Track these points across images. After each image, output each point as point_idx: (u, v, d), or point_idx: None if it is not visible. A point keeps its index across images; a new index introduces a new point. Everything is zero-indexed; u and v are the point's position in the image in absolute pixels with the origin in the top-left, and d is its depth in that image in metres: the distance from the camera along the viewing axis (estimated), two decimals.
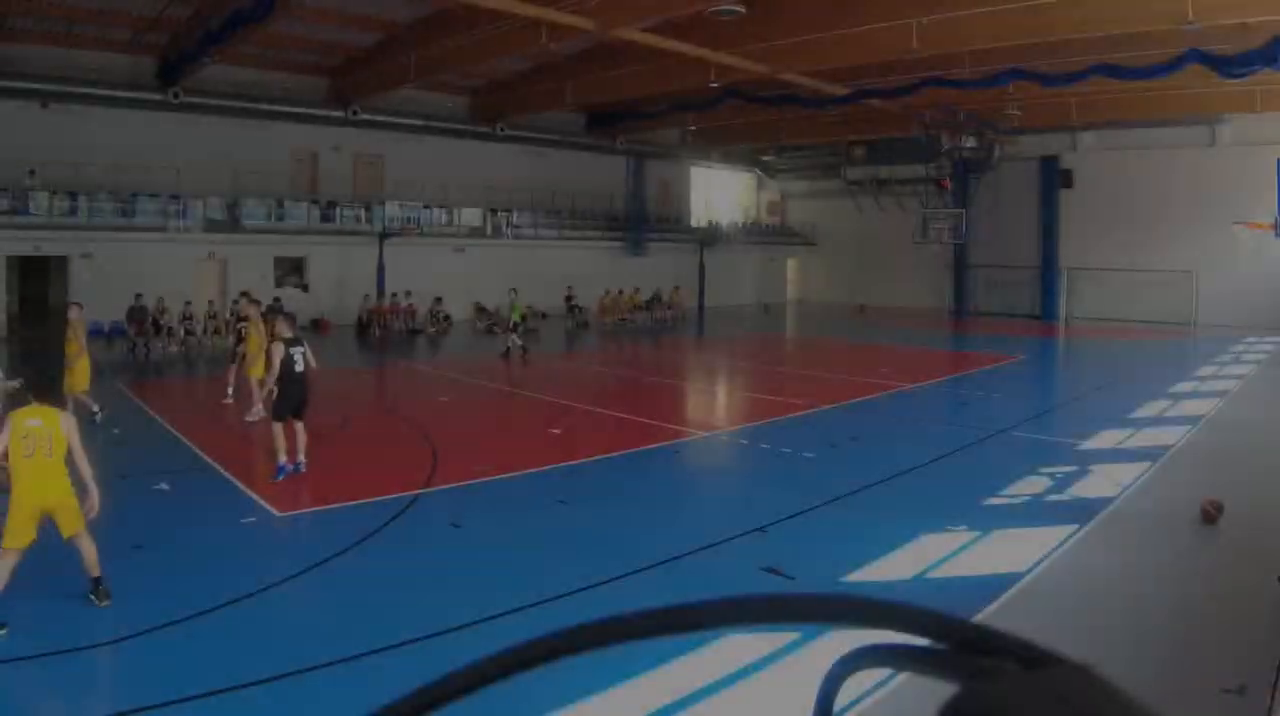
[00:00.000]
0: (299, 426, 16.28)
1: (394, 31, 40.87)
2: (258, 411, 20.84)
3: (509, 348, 34.88)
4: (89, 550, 10.32)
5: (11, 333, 38.28)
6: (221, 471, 16.54)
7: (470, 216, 52.93)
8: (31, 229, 38.33)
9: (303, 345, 16.08)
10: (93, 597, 10.31)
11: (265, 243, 44.77)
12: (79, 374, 20.85)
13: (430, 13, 37.97)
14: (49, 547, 10.01)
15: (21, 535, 9.88)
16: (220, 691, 8.36)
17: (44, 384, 10.95)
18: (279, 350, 15.81)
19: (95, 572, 10.36)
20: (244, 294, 23.81)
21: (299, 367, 15.19)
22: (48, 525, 10.10)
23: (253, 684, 8.51)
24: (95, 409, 21.22)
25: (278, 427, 16.02)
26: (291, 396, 16.13)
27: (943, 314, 59.00)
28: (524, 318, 36.71)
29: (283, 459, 15.85)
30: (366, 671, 8.80)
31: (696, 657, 8.75)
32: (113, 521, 13.14)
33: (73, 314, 21.71)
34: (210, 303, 37.63)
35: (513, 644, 0.79)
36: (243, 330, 23.13)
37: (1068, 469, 17.89)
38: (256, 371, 21.04)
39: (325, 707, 8.29)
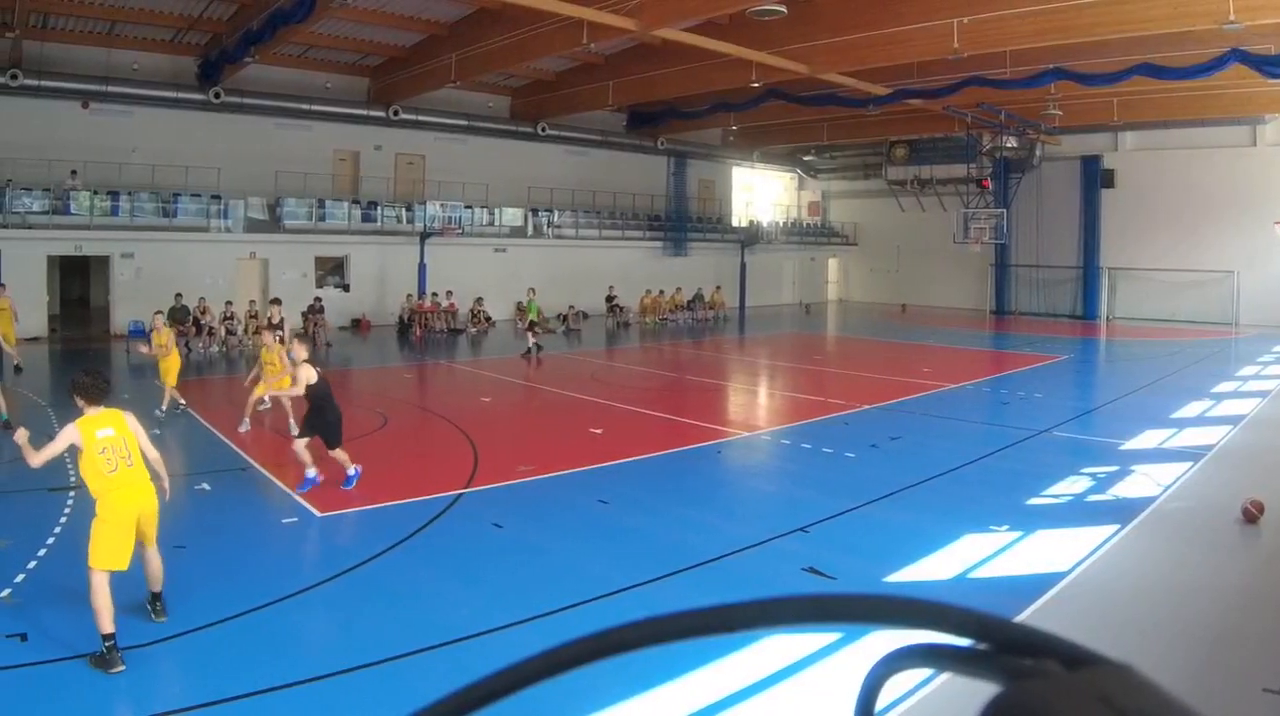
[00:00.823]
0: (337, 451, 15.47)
1: (435, 31, 40.93)
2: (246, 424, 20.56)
3: (529, 348, 34.93)
4: (157, 562, 10.01)
5: (52, 332, 38.42)
6: (263, 471, 16.59)
7: (511, 216, 52.95)
8: (73, 229, 38.52)
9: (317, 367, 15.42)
10: (151, 611, 10.02)
11: (306, 242, 44.87)
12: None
13: (471, 12, 38.12)
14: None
15: (122, 553, 9.33)
16: (261, 692, 8.40)
17: (97, 385, 10.10)
18: (308, 373, 15.12)
19: (158, 587, 10.05)
20: (274, 301, 23.54)
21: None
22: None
23: (294, 684, 8.55)
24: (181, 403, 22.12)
25: (301, 443, 15.40)
26: (327, 418, 15.26)
27: (984, 314, 58.72)
28: (540, 317, 36.69)
29: (311, 472, 15.39)
30: (408, 672, 8.82)
31: (738, 658, 8.78)
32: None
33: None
34: (251, 303, 37.47)
35: (554, 645, 0.79)
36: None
37: (1109, 469, 17.82)
38: (282, 384, 20.36)
39: (366, 709, 8.31)
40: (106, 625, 8.86)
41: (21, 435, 9.75)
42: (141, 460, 9.89)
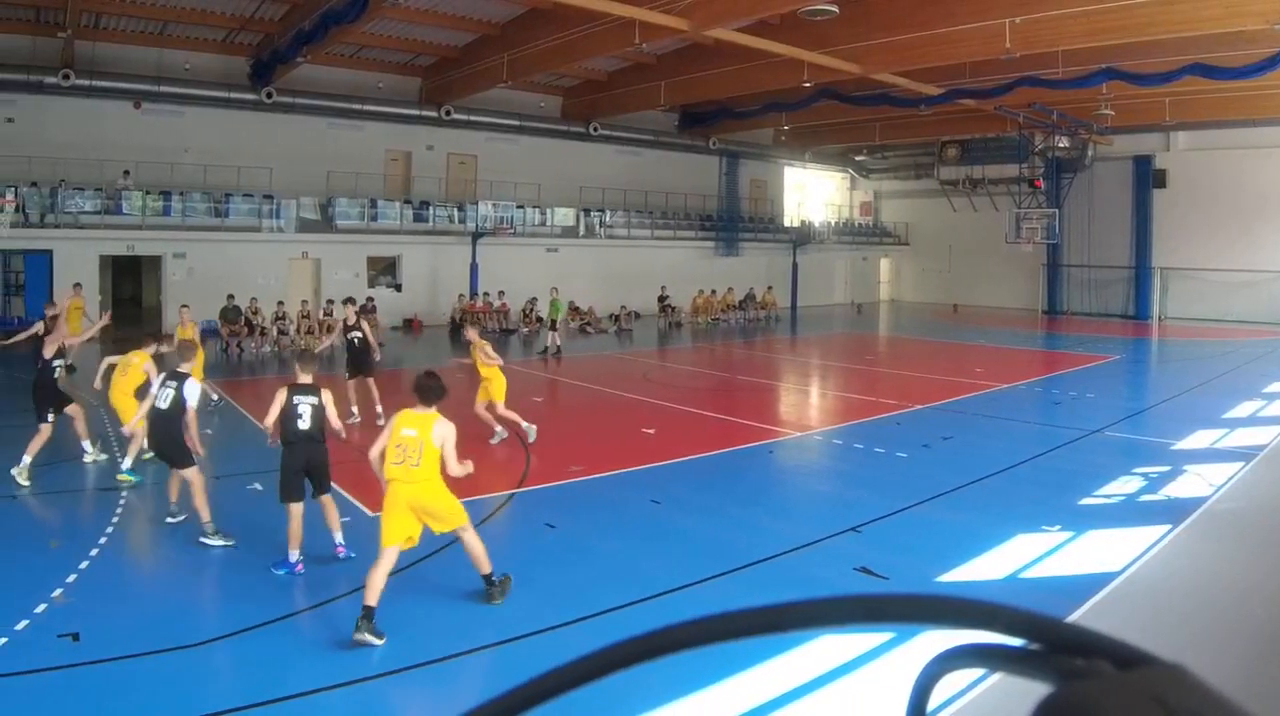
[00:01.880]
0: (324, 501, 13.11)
1: (487, 31, 41.06)
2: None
3: (553, 348, 35.34)
4: (473, 546, 10.80)
5: (104, 332, 38.55)
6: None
7: (563, 216, 53.05)
8: (125, 229, 38.74)
9: (314, 396, 12.58)
10: (487, 597, 10.82)
11: (358, 242, 45.05)
12: None
13: (523, 12, 38.23)
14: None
15: (394, 534, 10.28)
16: (311, 692, 8.48)
17: (430, 388, 11.15)
18: (280, 398, 12.64)
19: (484, 570, 10.86)
20: (347, 301, 23.36)
21: (302, 424, 12.24)
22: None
23: (345, 684, 8.61)
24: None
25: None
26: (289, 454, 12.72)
27: (1036, 314, 58.34)
28: (558, 317, 36.70)
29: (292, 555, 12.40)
30: (460, 672, 8.88)
31: (789, 658, 8.79)
32: None
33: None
34: (304, 303, 37.67)
35: (606, 645, 0.80)
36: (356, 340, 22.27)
37: (1161, 469, 17.75)
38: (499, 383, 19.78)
39: (419, 708, 8.36)
40: (370, 598, 9.69)
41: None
42: (431, 463, 10.59)
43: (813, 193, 72.25)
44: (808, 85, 40.55)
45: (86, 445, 17.46)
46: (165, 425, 13.58)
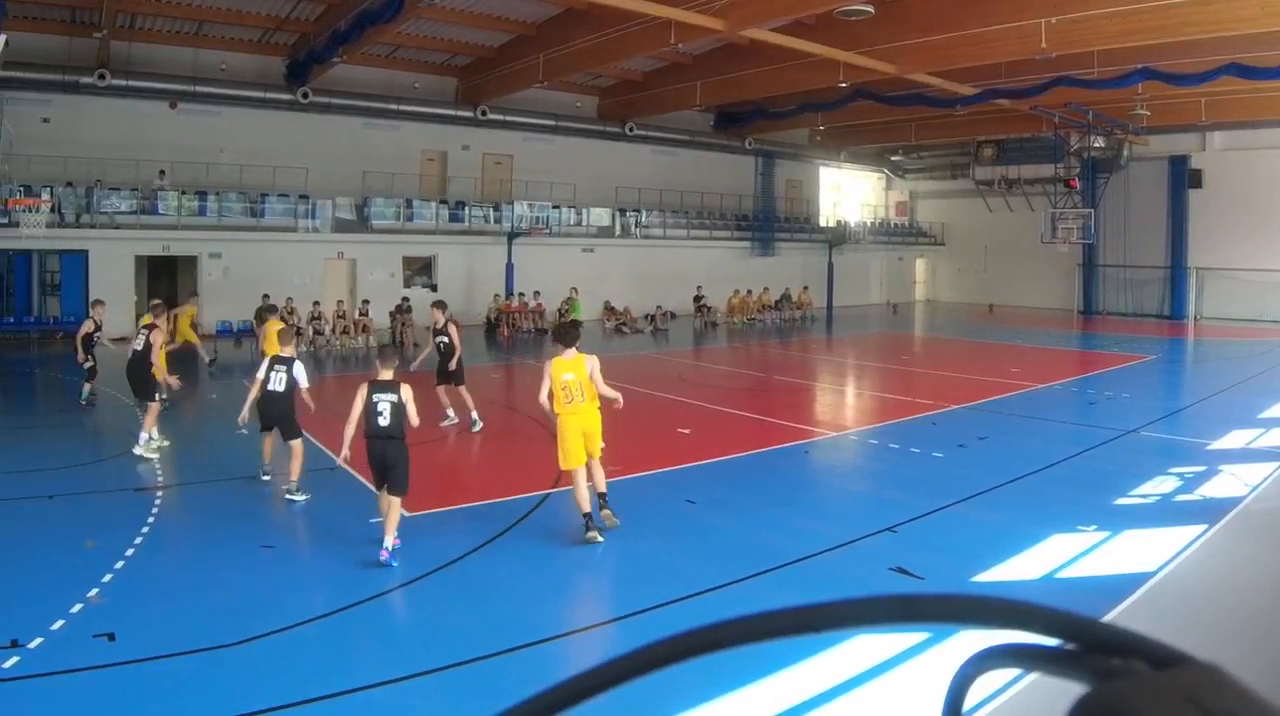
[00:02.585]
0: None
1: (523, 31, 41.17)
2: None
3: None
4: (600, 471, 13.85)
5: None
6: (350, 471, 16.68)
7: (599, 216, 53.05)
8: (161, 229, 38.94)
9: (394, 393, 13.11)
10: (599, 516, 13.35)
11: (394, 242, 45.18)
12: None
13: (559, 12, 38.34)
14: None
15: (576, 457, 13.34)
16: (347, 692, 8.47)
17: (566, 332, 14.41)
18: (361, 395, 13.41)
19: (602, 488, 13.76)
20: (437, 304, 23.08)
21: (382, 421, 12.74)
22: None
23: (380, 684, 8.60)
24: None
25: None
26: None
27: (1071, 314, 58.11)
28: (578, 317, 36.64)
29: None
30: (495, 671, 8.85)
31: (825, 658, 8.78)
32: (242, 521, 13.40)
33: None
34: (339, 303, 37.77)
35: (641, 645, 0.80)
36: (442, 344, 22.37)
37: (1196, 469, 17.69)
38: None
39: (454, 708, 8.35)
40: (584, 506, 13.10)
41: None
42: (591, 394, 13.79)
43: (848, 193, 72.21)
44: (843, 85, 40.57)
45: (144, 436, 17.68)
46: (279, 403, 15.83)
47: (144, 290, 40.63)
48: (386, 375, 12.95)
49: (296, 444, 15.52)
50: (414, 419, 12.72)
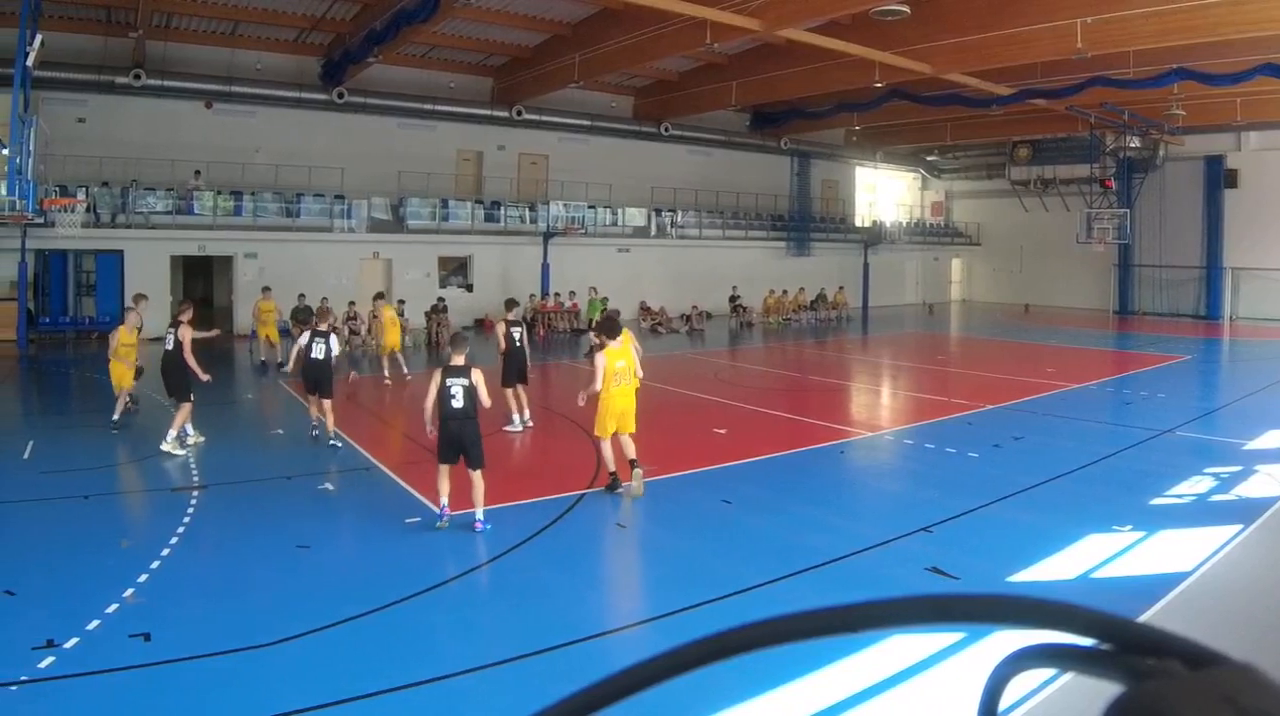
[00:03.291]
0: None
1: (558, 31, 41.24)
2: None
3: (598, 347, 34.66)
4: (631, 442, 15.62)
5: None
6: (385, 471, 16.70)
7: (634, 216, 53.13)
8: (196, 229, 39.20)
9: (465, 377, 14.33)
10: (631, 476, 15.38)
11: (429, 242, 45.33)
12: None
13: (594, 12, 38.40)
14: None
15: (608, 430, 15.46)
16: (384, 692, 8.45)
17: (611, 326, 16.18)
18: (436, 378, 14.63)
19: (632, 455, 15.49)
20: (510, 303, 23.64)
21: (455, 403, 13.89)
22: None
23: (417, 684, 8.59)
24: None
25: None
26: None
27: (1107, 314, 57.95)
28: (597, 317, 36.50)
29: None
30: (530, 672, 8.85)
31: (861, 658, 8.76)
32: (278, 521, 13.44)
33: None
34: (350, 303, 37.59)
35: (677, 645, 0.80)
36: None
37: (1232, 469, 17.62)
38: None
39: (490, 708, 8.35)
40: (611, 466, 15.39)
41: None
42: (635, 376, 16.13)
43: (884, 193, 72.14)
44: (879, 85, 40.53)
45: (172, 434, 17.74)
46: (321, 369, 19.13)
47: (179, 290, 40.81)
48: (459, 361, 13.85)
49: (328, 403, 19.12)
50: (485, 400, 13.80)
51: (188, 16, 38.25)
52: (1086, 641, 0.75)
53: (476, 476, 13.33)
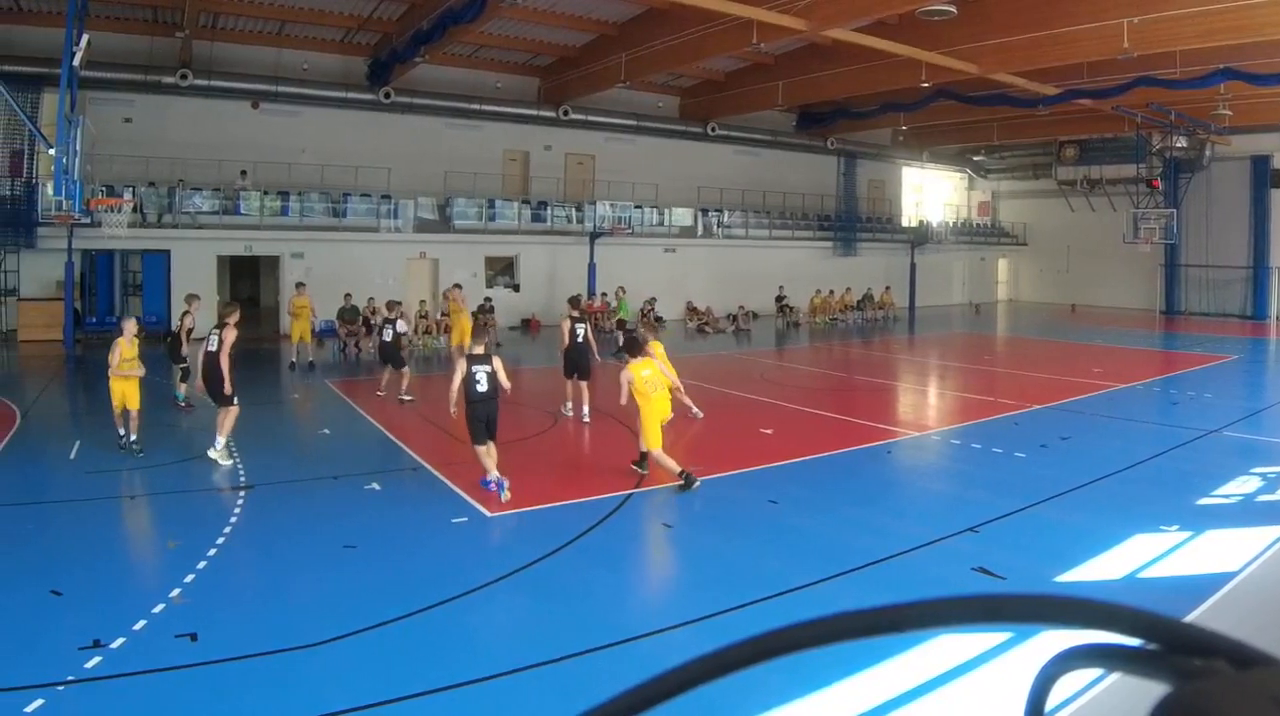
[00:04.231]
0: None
1: (605, 31, 41.28)
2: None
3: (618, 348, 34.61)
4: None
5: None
6: (433, 471, 16.72)
7: (681, 216, 53.04)
8: (243, 229, 39.31)
9: (488, 364, 15.79)
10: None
11: (476, 242, 45.32)
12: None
13: (641, 12, 38.41)
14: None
15: (658, 438, 15.92)
16: (431, 692, 8.47)
17: (635, 343, 17.23)
18: (461, 367, 15.88)
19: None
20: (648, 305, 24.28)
21: (481, 387, 15.52)
22: None
23: (463, 684, 8.60)
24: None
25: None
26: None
27: (1153, 314, 57.62)
28: (625, 316, 36.32)
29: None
30: (577, 672, 8.87)
31: (908, 658, 8.76)
32: (325, 521, 13.48)
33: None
34: (421, 302, 37.85)
35: (723, 645, 0.81)
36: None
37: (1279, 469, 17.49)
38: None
39: (536, 709, 8.35)
40: (675, 469, 15.64)
41: None
42: (668, 384, 17.36)
43: (930, 193, 71.81)
44: (925, 85, 40.43)
45: (220, 441, 17.75)
46: (391, 349, 24.71)
47: (226, 290, 41.00)
48: (479, 350, 15.81)
49: (404, 370, 24.61)
50: (505, 384, 15.57)
51: (234, 16, 38.42)
52: (1133, 641, 0.76)
53: (492, 446, 15.09)
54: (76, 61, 25.00)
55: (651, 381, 16.08)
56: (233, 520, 13.67)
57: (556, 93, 47.85)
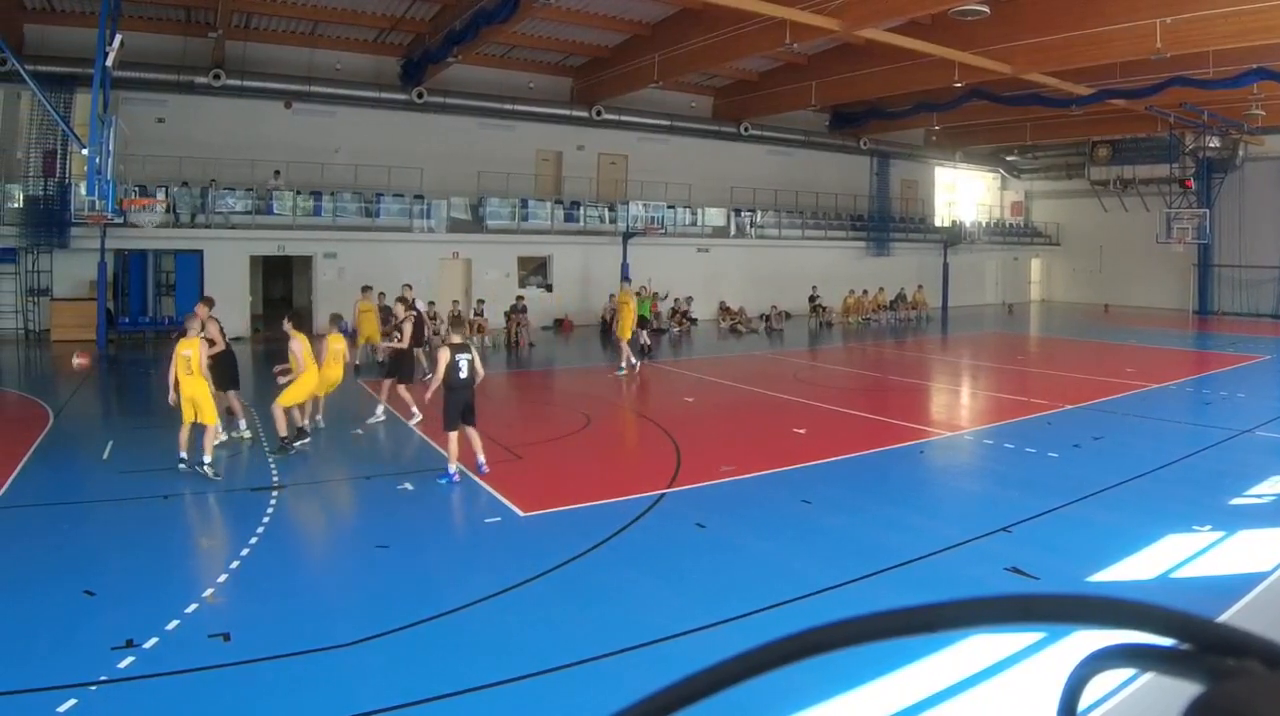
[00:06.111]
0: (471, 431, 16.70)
1: (638, 31, 41.30)
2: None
3: (644, 346, 34.45)
4: None
5: (255, 332, 38.92)
6: (465, 471, 16.77)
7: (714, 216, 52.98)
8: (276, 229, 39.38)
9: (469, 352, 16.52)
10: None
11: (509, 242, 45.31)
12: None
13: (674, 12, 38.42)
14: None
15: None
16: (462, 692, 8.50)
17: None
18: (445, 355, 16.24)
19: None
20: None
21: (463, 373, 16.16)
22: None
23: (495, 684, 8.61)
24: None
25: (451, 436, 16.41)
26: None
27: (1186, 314, 57.44)
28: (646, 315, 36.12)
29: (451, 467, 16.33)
30: (609, 672, 8.90)
31: (940, 658, 8.77)
32: (358, 520, 13.54)
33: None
34: (455, 303, 37.54)
35: (756, 645, 0.80)
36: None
37: None
38: None
39: (568, 709, 8.36)
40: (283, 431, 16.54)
41: None
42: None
43: (963, 192, 71.64)
44: (958, 85, 40.35)
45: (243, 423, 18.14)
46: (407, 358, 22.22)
47: (259, 290, 41.12)
48: (457, 339, 16.51)
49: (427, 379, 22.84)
50: (481, 371, 16.42)
51: (267, 16, 38.55)
52: (1166, 641, 0.77)
53: (475, 432, 15.76)
54: (110, 61, 25.12)
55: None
56: (265, 520, 13.71)
57: (589, 93, 47.85)
